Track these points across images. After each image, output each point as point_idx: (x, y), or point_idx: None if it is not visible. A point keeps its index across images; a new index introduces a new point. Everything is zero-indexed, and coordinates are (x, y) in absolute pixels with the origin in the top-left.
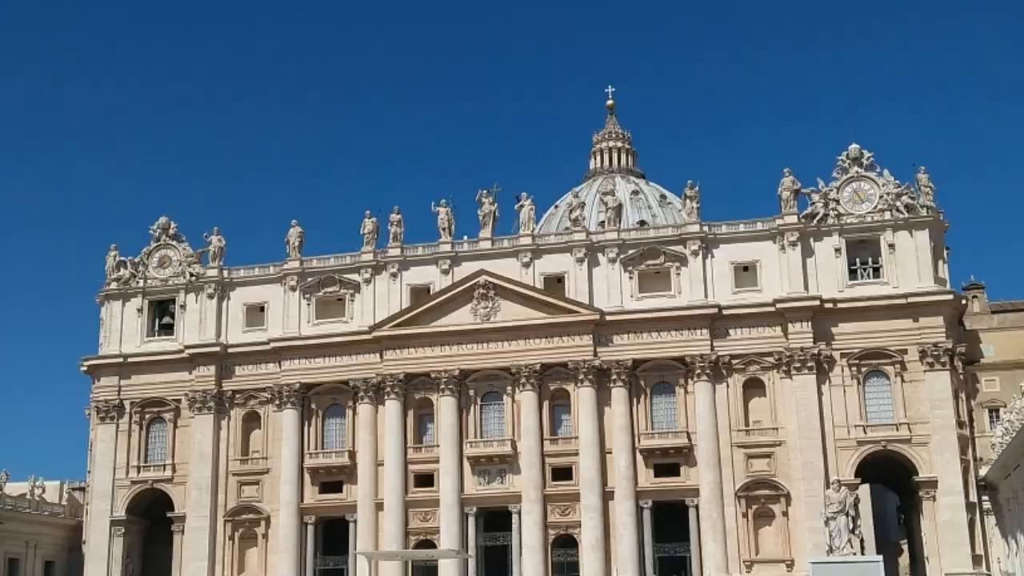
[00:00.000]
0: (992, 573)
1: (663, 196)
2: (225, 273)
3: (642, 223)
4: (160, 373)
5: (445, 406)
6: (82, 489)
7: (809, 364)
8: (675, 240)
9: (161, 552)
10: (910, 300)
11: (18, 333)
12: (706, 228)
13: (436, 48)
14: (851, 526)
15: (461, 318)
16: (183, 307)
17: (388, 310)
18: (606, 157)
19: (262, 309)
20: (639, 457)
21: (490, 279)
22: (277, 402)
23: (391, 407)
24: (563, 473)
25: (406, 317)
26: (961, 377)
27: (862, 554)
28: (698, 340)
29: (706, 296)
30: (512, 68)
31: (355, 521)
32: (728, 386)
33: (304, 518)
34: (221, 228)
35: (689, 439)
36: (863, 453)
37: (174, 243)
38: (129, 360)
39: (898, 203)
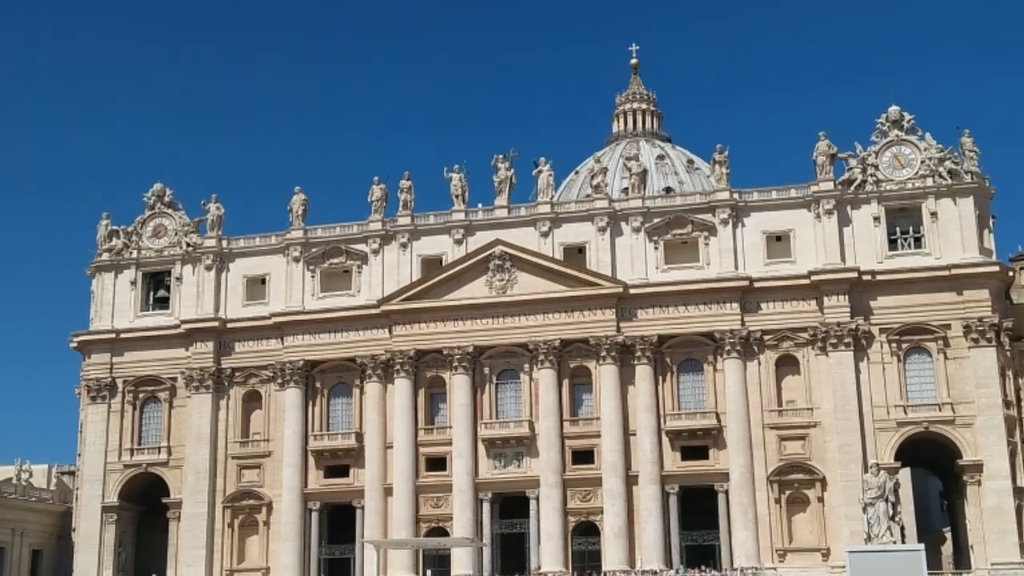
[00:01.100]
0: None
1: (690, 161)
2: (224, 243)
3: (668, 190)
4: (155, 350)
5: (458, 385)
6: (72, 473)
7: (846, 340)
8: (703, 208)
9: (156, 540)
10: (953, 272)
11: (3, 308)
12: (736, 195)
13: (448, 1)
14: (891, 513)
15: (475, 291)
16: (179, 279)
17: (397, 282)
18: (630, 120)
19: (263, 281)
20: (665, 439)
21: (506, 249)
22: (279, 380)
23: (401, 386)
24: (584, 456)
25: (417, 290)
26: (1008, 354)
27: (902, 542)
28: (728, 315)
29: (736, 267)
30: (529, 24)
31: (362, 507)
32: (760, 364)
33: (308, 504)
34: (220, 195)
35: (718, 420)
36: (903, 435)
37: (170, 211)
38: (122, 336)
39: (941, 169)
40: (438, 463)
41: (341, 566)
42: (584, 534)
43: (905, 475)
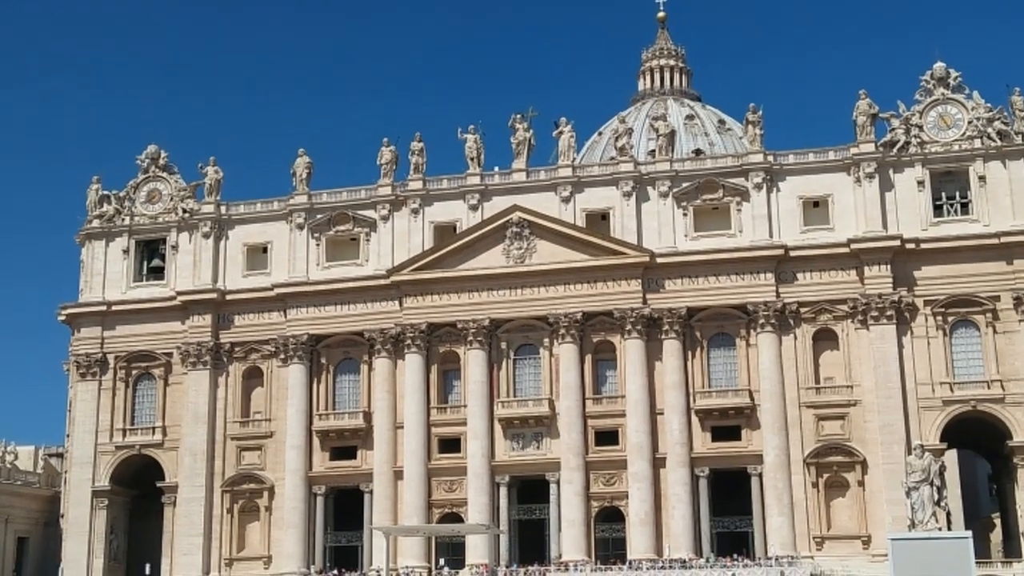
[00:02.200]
0: None
1: (721, 121)
2: (223, 209)
3: (698, 152)
4: (149, 323)
5: (473, 361)
6: (60, 455)
7: (888, 313)
8: (735, 171)
9: (150, 527)
10: (1003, 240)
11: None
12: (771, 158)
13: None
14: (936, 497)
15: (491, 260)
16: (175, 248)
17: (408, 251)
18: (657, 77)
19: (265, 250)
20: (694, 419)
21: (525, 216)
22: (282, 356)
23: (412, 362)
24: (608, 437)
25: (429, 259)
26: None
27: (948, 529)
28: (762, 285)
29: (771, 235)
30: None
31: (371, 492)
32: (796, 338)
33: (313, 488)
34: (218, 158)
35: (751, 398)
36: (949, 414)
37: (164, 175)
38: (113, 308)
39: (989, 129)
40: (452, 444)
41: (348, 554)
42: (608, 520)
43: (951, 457)
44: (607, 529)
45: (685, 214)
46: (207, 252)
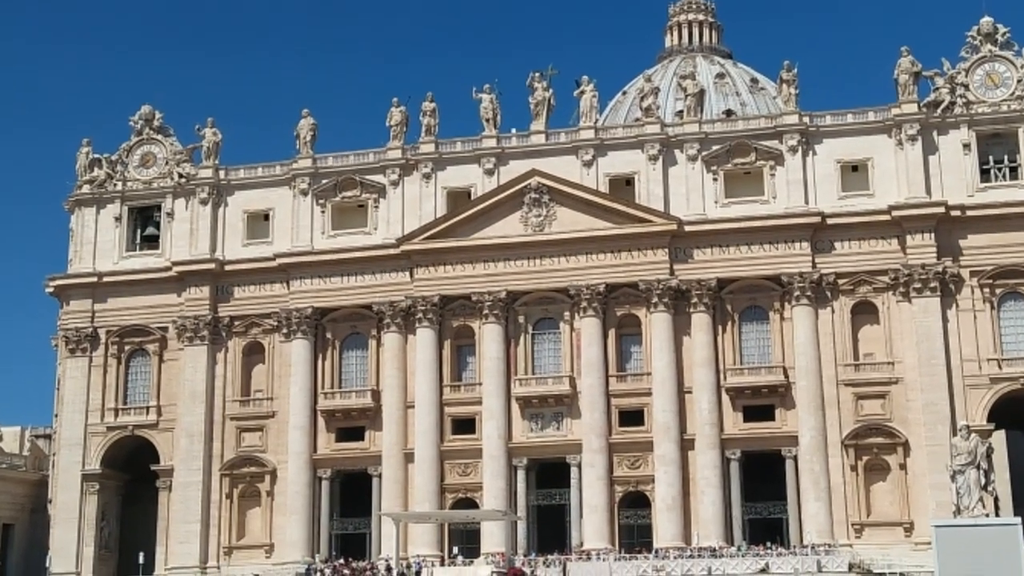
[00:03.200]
0: None
1: (754, 80)
2: (221, 174)
3: (729, 113)
4: (142, 295)
5: (489, 336)
6: (48, 436)
7: (932, 284)
8: (769, 133)
9: (143, 513)
10: None
11: None
12: (807, 119)
13: None
14: (983, 481)
15: (508, 228)
16: (170, 215)
17: (420, 219)
18: (685, 33)
19: (266, 218)
20: (725, 398)
21: (544, 181)
22: (285, 331)
23: (423, 337)
24: (632, 417)
25: (442, 227)
26: None
27: (996, 515)
28: (797, 255)
29: (807, 202)
30: None
31: (379, 475)
32: (833, 311)
33: (318, 472)
34: (216, 119)
35: (786, 376)
36: (998, 393)
37: (159, 137)
38: (105, 279)
39: None
40: (466, 425)
41: (355, 542)
42: (632, 506)
43: (999, 438)
44: (632, 515)
45: (715, 179)
46: (205, 220)
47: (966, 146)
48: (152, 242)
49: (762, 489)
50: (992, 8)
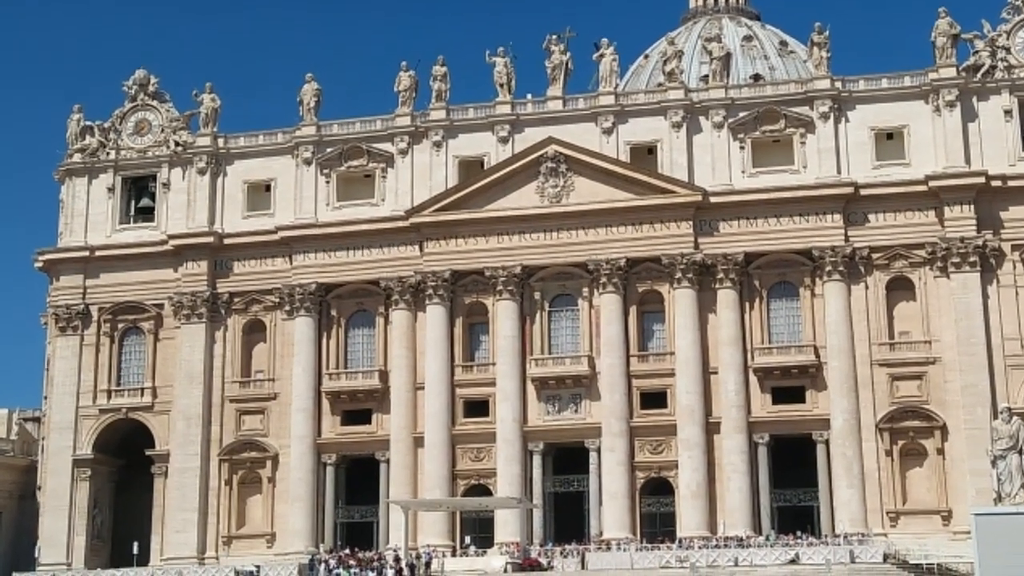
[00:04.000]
0: None
1: (783, 43)
2: (220, 142)
3: (756, 78)
4: (137, 270)
5: (503, 313)
6: (37, 420)
7: (971, 259)
8: (799, 99)
9: (138, 501)
10: None
11: None
12: (839, 84)
13: None
14: None
15: (524, 199)
16: (166, 185)
17: (430, 189)
18: None
19: (268, 188)
20: (753, 379)
21: (561, 149)
22: (287, 308)
23: (434, 314)
24: (655, 399)
25: (453, 198)
26: None
27: None
28: (828, 228)
29: (839, 171)
30: None
31: (387, 461)
32: (867, 287)
33: (322, 457)
34: (215, 84)
35: (817, 355)
36: None
37: (155, 103)
38: (97, 253)
39: None
40: (479, 408)
41: (361, 531)
42: (654, 493)
43: None
44: (654, 503)
45: (742, 147)
46: (203, 190)
47: (1007, 113)
48: (147, 214)
49: (792, 475)
50: None
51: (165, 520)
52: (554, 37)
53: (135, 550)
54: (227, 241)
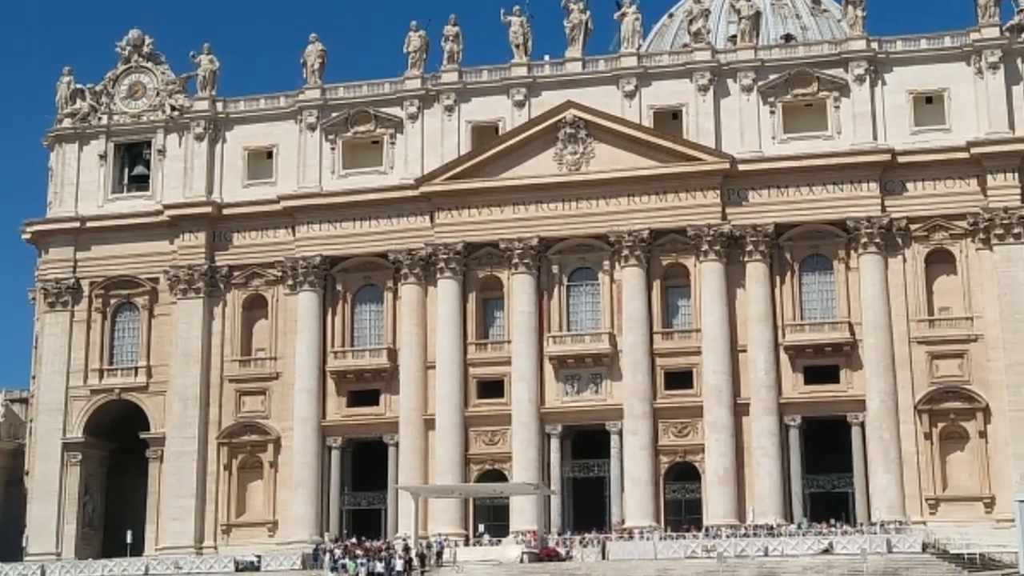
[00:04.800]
0: None
1: (816, 1)
2: (219, 106)
3: (788, 38)
4: (130, 242)
5: (519, 287)
6: (24, 401)
7: (1015, 230)
8: (833, 61)
9: (131, 486)
10: None
11: None
12: (875, 45)
13: None
14: None
15: (541, 167)
16: (161, 152)
17: (441, 156)
18: None
19: (269, 155)
20: (784, 357)
21: (580, 114)
22: (290, 282)
23: (445, 289)
24: (680, 379)
25: (466, 166)
26: None
27: None
28: (864, 197)
29: (875, 137)
30: None
31: (396, 444)
32: (905, 260)
33: (327, 440)
34: (213, 45)
35: (851, 332)
36: None
37: (149, 65)
38: (88, 224)
39: None
40: (493, 388)
41: (368, 519)
42: (680, 479)
43: None
44: (679, 489)
45: (772, 112)
46: (200, 157)
47: None
48: (141, 183)
49: (825, 460)
50: None
51: (160, 507)
52: None
53: (128, 539)
54: (226, 211)
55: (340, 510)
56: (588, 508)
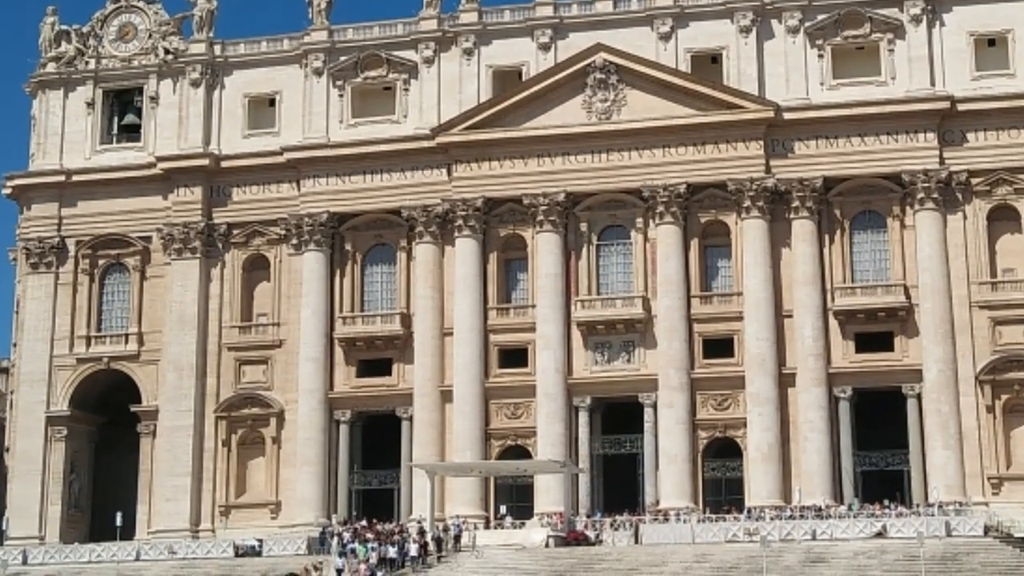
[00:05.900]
0: None
1: None
2: (217, 49)
3: None
4: (120, 197)
5: (544, 247)
6: (5, 370)
7: None
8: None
9: (121, 464)
10: None
11: None
12: None
13: None
14: None
15: (568, 116)
16: (154, 100)
17: (460, 104)
18: None
19: (272, 103)
20: (833, 323)
21: (611, 58)
22: (295, 241)
23: (464, 248)
24: (720, 347)
25: (487, 114)
26: None
27: None
28: (920, 148)
29: (933, 83)
30: None
31: (410, 418)
32: (965, 217)
33: (334, 414)
34: None
35: (907, 296)
36: None
37: (141, 5)
38: (75, 178)
39: None
40: (516, 356)
41: (380, 499)
42: (720, 455)
43: None
44: (719, 467)
45: (821, 56)
46: (196, 105)
47: None
48: (132, 133)
49: (878, 435)
50: None
51: (153, 487)
52: None
53: (118, 521)
54: (225, 164)
55: (349, 490)
56: (619, 488)
